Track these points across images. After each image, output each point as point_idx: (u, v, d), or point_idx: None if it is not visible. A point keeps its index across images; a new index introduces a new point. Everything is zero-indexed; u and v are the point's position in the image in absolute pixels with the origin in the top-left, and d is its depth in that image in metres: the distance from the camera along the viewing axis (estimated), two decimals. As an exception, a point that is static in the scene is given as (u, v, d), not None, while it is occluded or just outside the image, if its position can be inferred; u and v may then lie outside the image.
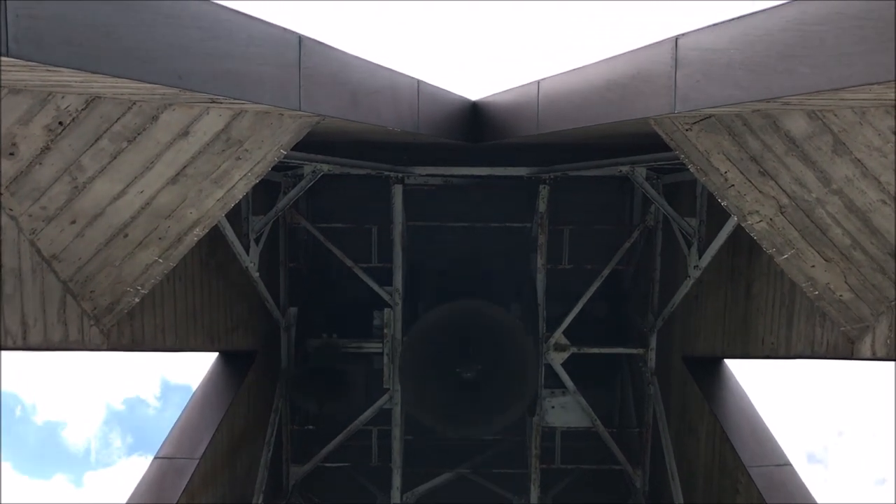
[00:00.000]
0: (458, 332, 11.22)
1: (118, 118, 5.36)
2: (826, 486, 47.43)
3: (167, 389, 54.74)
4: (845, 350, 7.07)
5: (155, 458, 9.32)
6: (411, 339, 11.38)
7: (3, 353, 5.73)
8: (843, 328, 7.00)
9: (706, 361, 10.96)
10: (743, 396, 10.58)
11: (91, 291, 6.37)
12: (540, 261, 11.38)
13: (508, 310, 11.96)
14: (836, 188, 5.98)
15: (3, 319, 5.43)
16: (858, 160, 5.67)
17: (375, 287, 11.51)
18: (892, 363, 6.87)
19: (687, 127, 6.19)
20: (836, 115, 5.41)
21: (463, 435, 12.22)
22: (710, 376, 10.82)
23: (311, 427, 12.98)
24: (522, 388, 11.31)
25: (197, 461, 9.13)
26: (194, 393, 10.43)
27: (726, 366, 11.03)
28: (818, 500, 9.00)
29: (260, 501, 10.68)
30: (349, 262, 11.52)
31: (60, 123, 5.19)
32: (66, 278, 6.12)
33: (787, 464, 9.48)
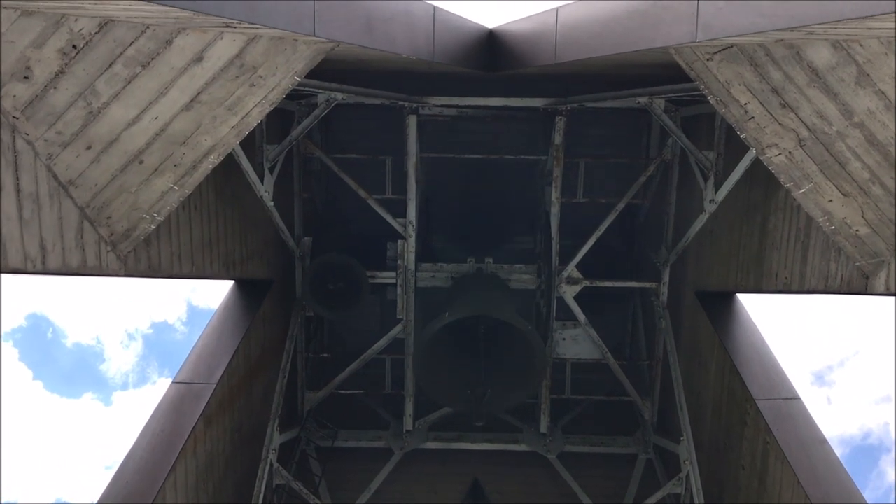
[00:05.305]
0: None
1: (132, 42, 5.31)
2: (829, 407, 48.34)
3: (193, 314, 55.21)
4: (859, 285, 7.06)
5: (172, 382, 9.51)
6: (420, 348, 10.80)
7: (25, 276, 5.81)
8: (858, 263, 6.98)
9: (718, 296, 10.98)
10: (754, 331, 10.62)
11: (108, 217, 6.42)
12: (554, 194, 11.33)
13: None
14: (857, 121, 5.88)
15: (22, 243, 5.49)
16: (882, 92, 5.57)
17: (389, 219, 11.51)
18: (906, 298, 6.88)
19: (708, 57, 6.07)
20: (861, 46, 5.29)
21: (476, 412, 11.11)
22: (721, 310, 10.86)
23: (325, 355, 13.18)
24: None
25: (213, 386, 9.32)
26: (211, 319, 10.58)
27: (738, 300, 11.06)
28: (824, 434, 9.13)
29: (275, 426, 10.92)
30: (363, 194, 11.50)
31: (74, 47, 5.15)
32: (83, 204, 6.16)
33: (796, 397, 9.56)
